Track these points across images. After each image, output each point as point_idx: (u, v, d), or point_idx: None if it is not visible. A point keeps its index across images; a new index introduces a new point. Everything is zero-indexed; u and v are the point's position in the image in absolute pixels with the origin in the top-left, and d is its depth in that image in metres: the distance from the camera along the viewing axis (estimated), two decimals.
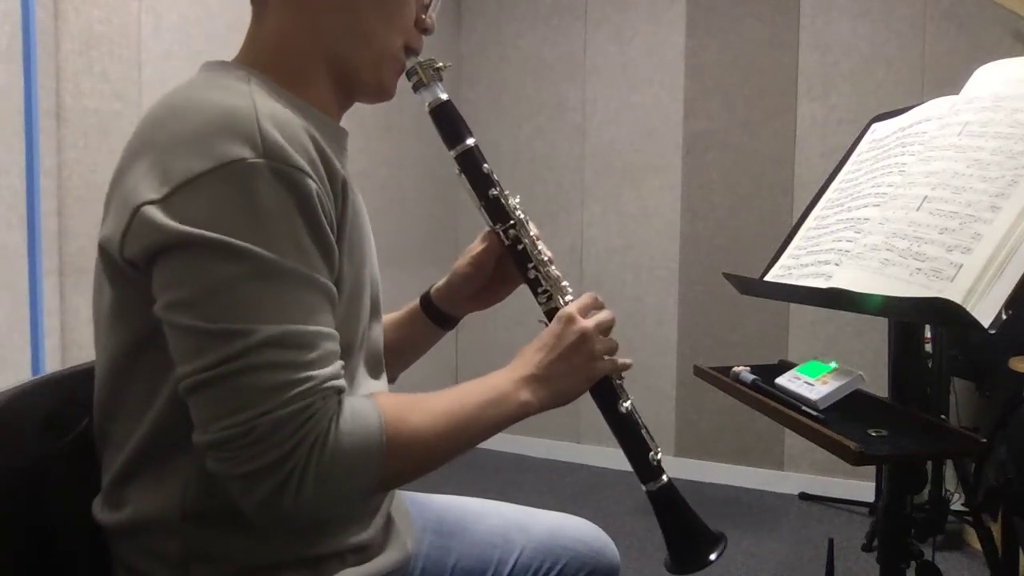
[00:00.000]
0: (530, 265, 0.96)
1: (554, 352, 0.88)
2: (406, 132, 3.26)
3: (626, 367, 0.94)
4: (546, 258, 0.97)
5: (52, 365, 1.86)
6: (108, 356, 0.78)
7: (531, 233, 0.97)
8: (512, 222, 0.96)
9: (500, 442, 3.71)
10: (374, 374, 0.93)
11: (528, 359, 0.88)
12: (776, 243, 1.25)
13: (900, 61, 2.96)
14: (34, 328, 1.81)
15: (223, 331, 0.66)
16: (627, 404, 0.94)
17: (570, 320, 0.89)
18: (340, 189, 0.76)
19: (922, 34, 2.93)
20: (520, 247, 0.96)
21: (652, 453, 0.93)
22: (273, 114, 0.71)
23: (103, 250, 0.74)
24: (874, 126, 1.24)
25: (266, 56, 0.82)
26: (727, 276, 1.22)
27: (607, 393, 0.93)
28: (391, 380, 1.05)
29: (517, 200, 0.98)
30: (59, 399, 0.83)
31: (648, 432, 0.94)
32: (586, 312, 0.91)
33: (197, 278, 0.67)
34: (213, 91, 0.73)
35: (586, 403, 0.94)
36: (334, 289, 0.74)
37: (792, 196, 3.14)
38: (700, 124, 3.30)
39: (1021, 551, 1.82)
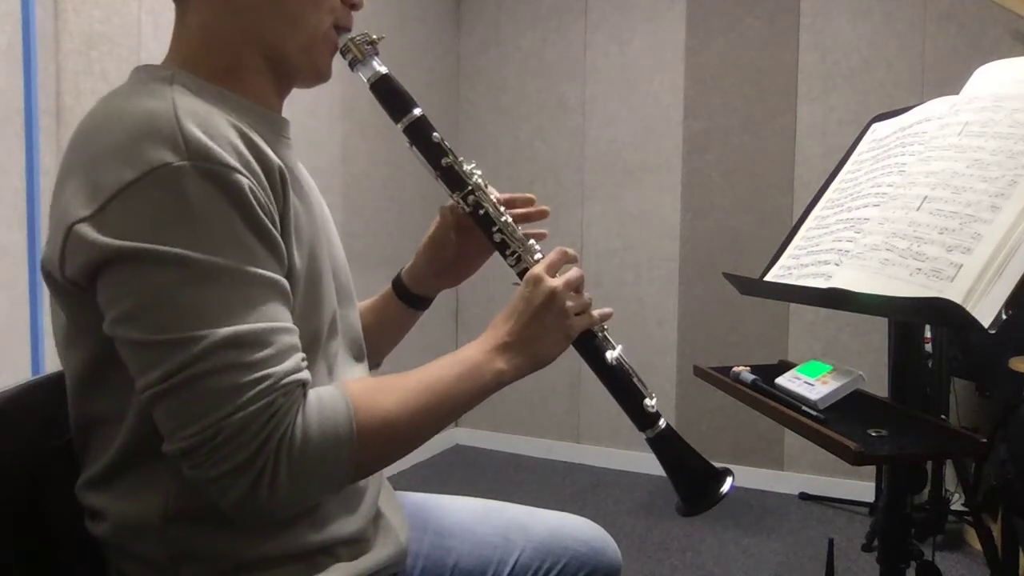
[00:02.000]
0: (494, 229, 0.94)
1: (524, 316, 0.86)
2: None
3: (605, 317, 0.92)
4: (510, 220, 0.95)
5: (52, 365, 1.85)
6: (72, 375, 0.78)
7: (492, 197, 0.95)
8: (469, 187, 0.94)
9: (500, 442, 3.71)
10: (357, 358, 0.92)
11: (499, 327, 0.87)
12: (776, 243, 1.25)
13: (900, 61, 2.96)
14: (34, 328, 1.81)
15: (172, 340, 0.65)
16: (614, 354, 0.92)
17: (538, 281, 0.87)
18: (278, 179, 0.74)
19: (922, 34, 2.93)
20: (481, 211, 0.94)
21: (647, 400, 0.92)
22: (194, 112, 0.70)
23: (46, 272, 0.73)
24: (874, 126, 1.24)
25: (193, 52, 0.81)
26: (727, 276, 1.22)
27: (591, 346, 0.92)
28: (375, 365, 1.05)
29: (473, 166, 0.96)
30: (59, 399, 0.83)
31: (640, 380, 0.93)
32: (554, 270, 0.89)
33: (139, 291, 0.66)
34: (134, 97, 0.72)
35: (586, 403, 0.94)
36: (284, 282, 0.73)
37: (792, 196, 3.13)
38: (700, 124, 3.30)
39: (1021, 551, 1.83)
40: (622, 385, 0.92)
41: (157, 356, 0.66)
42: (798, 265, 1.15)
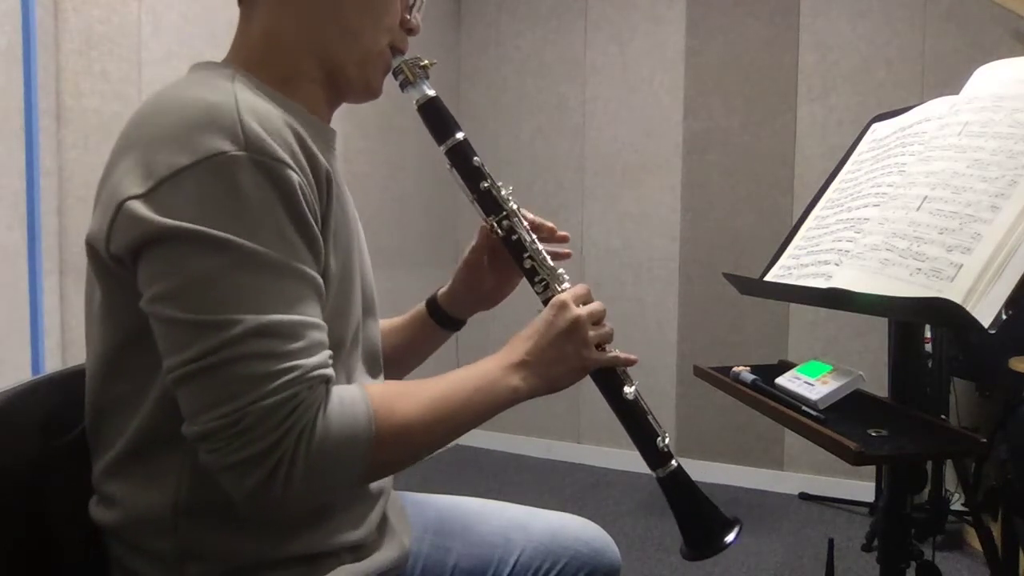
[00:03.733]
0: (525, 255, 0.96)
1: (545, 338, 0.88)
2: (406, 133, 3.26)
3: (630, 363, 0.94)
4: (540, 247, 0.97)
5: (52, 365, 1.86)
6: (98, 353, 0.78)
7: (526, 223, 0.98)
8: (504, 213, 0.96)
9: (500, 442, 3.71)
10: (372, 373, 0.93)
11: (518, 345, 0.88)
12: (776, 243, 1.25)
13: (900, 61, 2.96)
14: (34, 328, 1.81)
15: (208, 322, 0.66)
16: (631, 390, 0.94)
17: (563, 307, 0.89)
18: (325, 182, 0.76)
19: (922, 34, 2.93)
20: (514, 237, 0.96)
21: (659, 439, 0.93)
22: (254, 108, 0.71)
23: (90, 247, 0.74)
24: (874, 126, 1.24)
25: (254, 55, 0.83)
26: (727, 276, 1.22)
27: (610, 380, 0.93)
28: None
29: (510, 191, 0.98)
30: (59, 399, 0.83)
31: (654, 418, 0.94)
32: (580, 301, 0.91)
33: (181, 270, 0.67)
34: (196, 89, 0.74)
35: (586, 403, 0.94)
36: (320, 280, 0.74)
37: (792, 196, 3.14)
38: (700, 124, 3.30)
39: (1021, 551, 1.83)
40: (637, 421, 0.94)
41: (192, 336, 0.67)
42: (798, 265, 1.15)
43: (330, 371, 0.72)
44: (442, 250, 3.57)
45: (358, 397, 0.74)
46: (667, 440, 0.94)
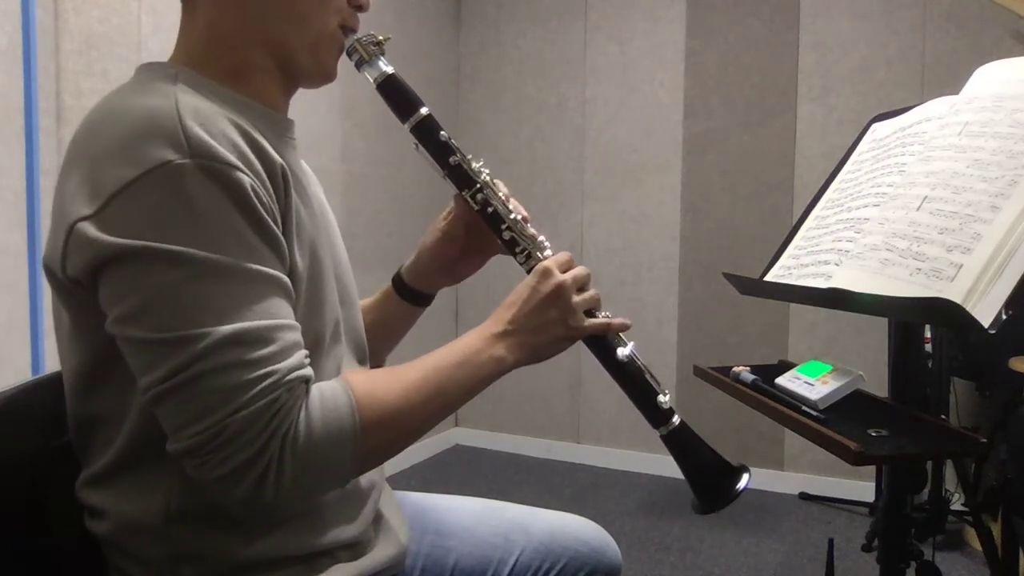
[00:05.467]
0: (503, 226, 0.93)
1: (528, 305, 0.86)
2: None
3: (624, 327, 0.92)
4: (520, 217, 0.94)
5: (52, 365, 1.85)
6: (73, 370, 0.77)
7: (500, 193, 0.95)
8: (478, 185, 0.94)
9: (500, 442, 3.71)
10: (360, 361, 0.92)
11: (501, 314, 0.86)
12: (776, 243, 1.25)
13: (900, 61, 2.96)
14: (34, 328, 1.81)
15: (174, 339, 0.65)
16: (626, 351, 0.91)
17: (546, 273, 0.87)
18: (280, 178, 0.74)
19: (922, 34, 2.93)
20: (490, 209, 0.93)
21: (660, 396, 0.91)
22: (196, 110, 0.70)
23: (48, 270, 0.73)
24: (874, 126, 1.24)
25: (199, 51, 0.81)
26: (727, 276, 1.22)
27: (602, 343, 0.91)
28: (377, 365, 1.04)
29: (481, 163, 0.95)
30: (59, 399, 0.83)
31: (652, 376, 0.92)
32: (564, 268, 0.89)
33: (141, 289, 0.66)
34: (137, 95, 0.73)
35: (586, 403, 0.93)
36: (286, 279, 0.73)
37: (792, 196, 3.13)
38: (700, 124, 3.30)
39: (1021, 551, 1.83)
40: (635, 382, 0.91)
41: (159, 354, 0.66)
42: (798, 265, 1.15)
43: (308, 371, 0.71)
44: None
45: (339, 390, 0.73)
46: (668, 396, 0.92)
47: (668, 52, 3.34)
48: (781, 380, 1.08)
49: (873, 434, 0.90)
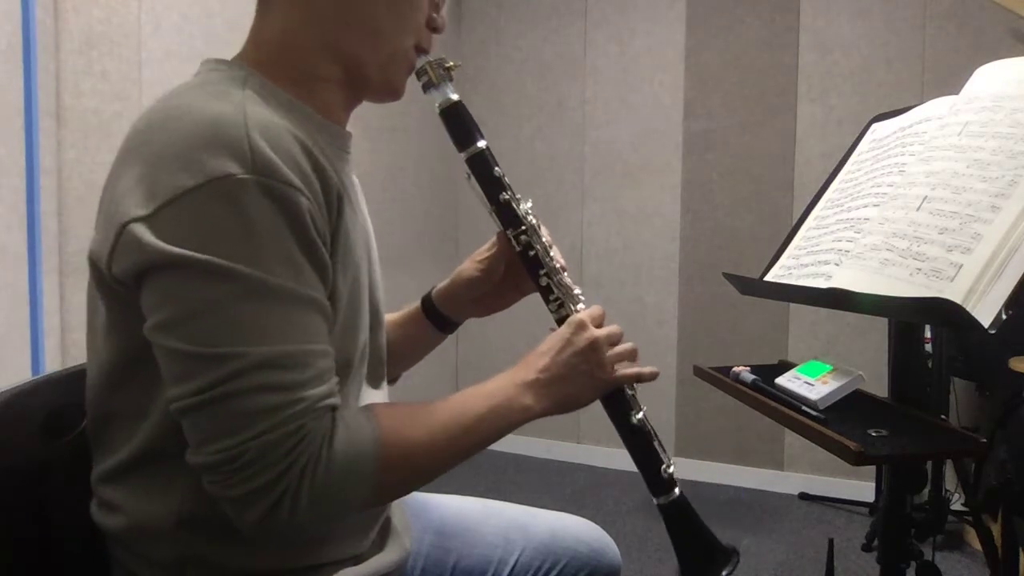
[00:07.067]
0: (542, 272, 0.94)
1: (561, 356, 0.86)
2: (408, 133, 3.26)
3: (654, 375, 0.92)
4: (558, 265, 0.95)
5: (52, 365, 1.86)
6: (102, 364, 0.77)
7: (543, 239, 0.95)
8: (524, 228, 0.94)
9: (500, 442, 3.68)
10: (374, 383, 0.92)
11: (532, 363, 0.86)
12: (776, 243, 1.25)
13: (900, 61, 2.96)
14: (34, 328, 1.81)
15: (211, 355, 0.65)
16: (639, 416, 0.92)
17: (581, 326, 0.87)
18: (335, 199, 0.73)
19: (922, 34, 2.93)
20: (531, 253, 0.94)
21: (664, 466, 0.91)
22: (264, 125, 0.68)
23: (93, 264, 0.73)
24: (874, 126, 1.24)
25: (269, 54, 0.80)
26: (727, 276, 1.22)
27: (619, 403, 0.91)
28: (391, 380, 1.04)
29: (529, 205, 0.95)
30: (59, 399, 0.83)
31: (660, 444, 0.92)
32: (596, 322, 0.89)
33: (184, 300, 0.65)
34: (204, 98, 0.71)
35: None
36: (328, 305, 0.72)
37: (792, 196, 3.13)
38: (700, 124, 3.29)
39: (1021, 551, 1.83)
40: (643, 447, 0.92)
41: (194, 368, 0.65)
42: (798, 265, 1.15)
43: (336, 399, 0.71)
44: (442, 250, 3.57)
45: (364, 425, 0.73)
46: (672, 468, 0.91)
47: (668, 52, 3.34)
48: (781, 380, 1.08)
49: (873, 434, 0.90)
